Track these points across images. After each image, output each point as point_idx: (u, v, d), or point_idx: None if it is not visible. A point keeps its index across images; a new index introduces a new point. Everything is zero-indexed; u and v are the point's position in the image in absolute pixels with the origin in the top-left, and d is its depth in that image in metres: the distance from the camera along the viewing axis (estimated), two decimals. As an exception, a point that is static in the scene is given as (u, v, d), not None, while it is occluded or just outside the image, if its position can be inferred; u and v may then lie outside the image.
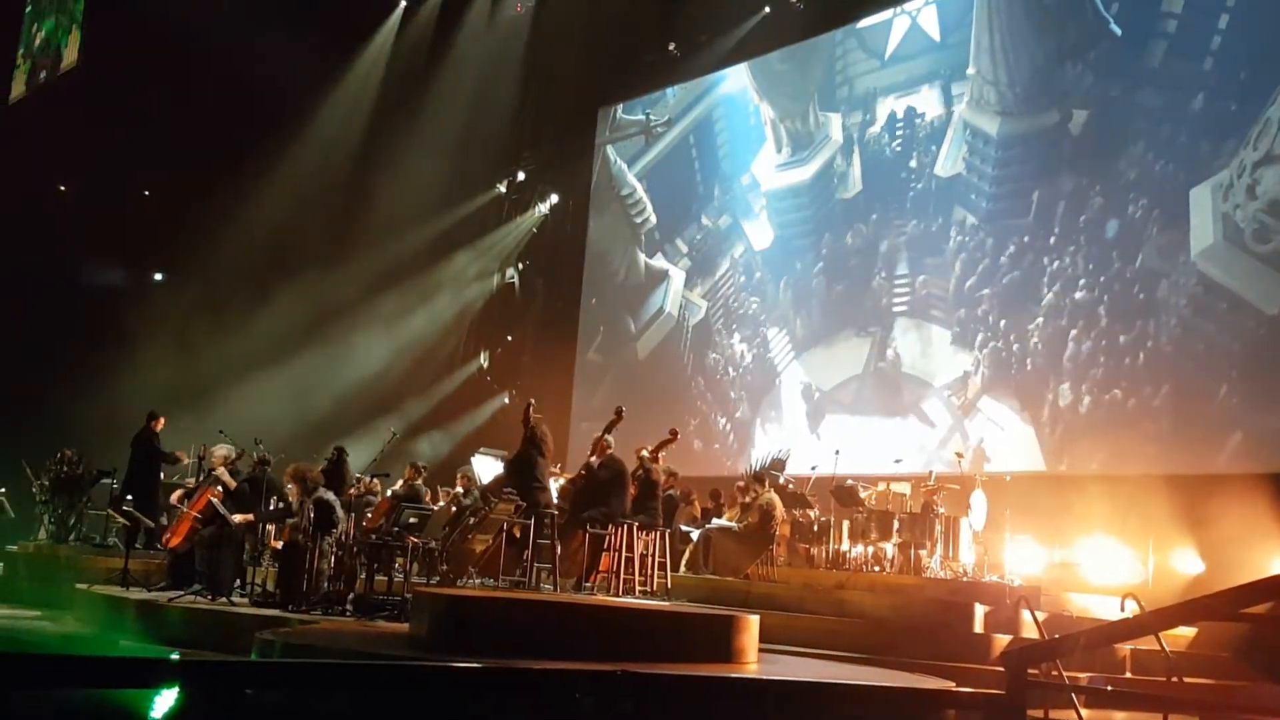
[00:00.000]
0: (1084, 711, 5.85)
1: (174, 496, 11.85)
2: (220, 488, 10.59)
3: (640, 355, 18.65)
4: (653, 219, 18.88)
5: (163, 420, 13.58)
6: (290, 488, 10.01)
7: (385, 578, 10.06)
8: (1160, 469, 11.57)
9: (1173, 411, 11.79)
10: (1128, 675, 8.57)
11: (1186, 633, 9.17)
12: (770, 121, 17.20)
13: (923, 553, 11.01)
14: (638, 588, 10.63)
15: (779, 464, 13.43)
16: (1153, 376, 11.99)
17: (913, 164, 15.04)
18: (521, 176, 21.51)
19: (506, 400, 20.55)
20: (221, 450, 11.23)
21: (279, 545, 10.18)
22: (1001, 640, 8.57)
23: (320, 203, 18.69)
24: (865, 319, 15.25)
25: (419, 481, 12.41)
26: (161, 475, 13.51)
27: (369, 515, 10.80)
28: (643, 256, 18.92)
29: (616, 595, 10.34)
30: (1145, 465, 11.73)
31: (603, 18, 17.80)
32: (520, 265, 21.66)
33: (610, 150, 19.73)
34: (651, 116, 19.09)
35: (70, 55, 18.81)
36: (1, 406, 16.39)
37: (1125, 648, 8.58)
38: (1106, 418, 12.22)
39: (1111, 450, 12.07)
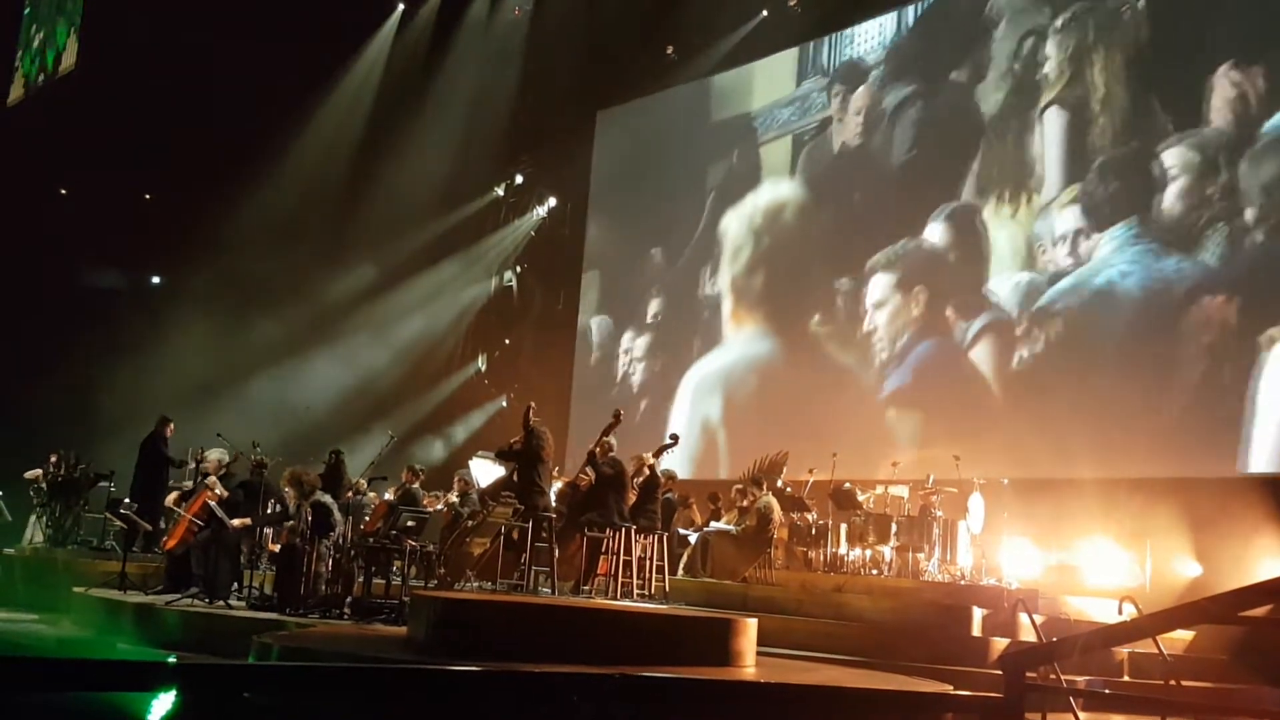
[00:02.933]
0: (1082, 715, 5.85)
1: (170, 499, 11.84)
2: (216, 490, 10.60)
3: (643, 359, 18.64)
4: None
5: (172, 426, 13.61)
6: (288, 491, 10.01)
7: (383, 581, 10.07)
8: (1158, 472, 11.58)
9: (1171, 414, 11.79)
10: (1126, 678, 8.57)
11: (1184, 636, 9.17)
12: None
13: (920, 556, 11.02)
14: (635, 591, 10.63)
15: (777, 467, 13.44)
16: (1152, 379, 11.99)
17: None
18: (519, 179, 21.54)
19: (504, 403, 20.55)
20: (215, 455, 11.24)
21: (276, 548, 10.18)
22: (999, 643, 8.57)
23: (318, 206, 18.70)
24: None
25: (416, 485, 12.40)
26: (166, 480, 13.54)
27: (366, 518, 10.80)
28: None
29: (614, 599, 10.34)
30: (1143, 468, 11.73)
31: (600, 21, 17.80)
32: (518, 268, 21.69)
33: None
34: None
35: (68, 58, 18.81)
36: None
37: (1123, 651, 8.58)
38: (1104, 420, 12.21)
39: (1108, 453, 12.05)
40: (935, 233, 14.58)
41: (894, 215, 15.08)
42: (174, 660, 7.77)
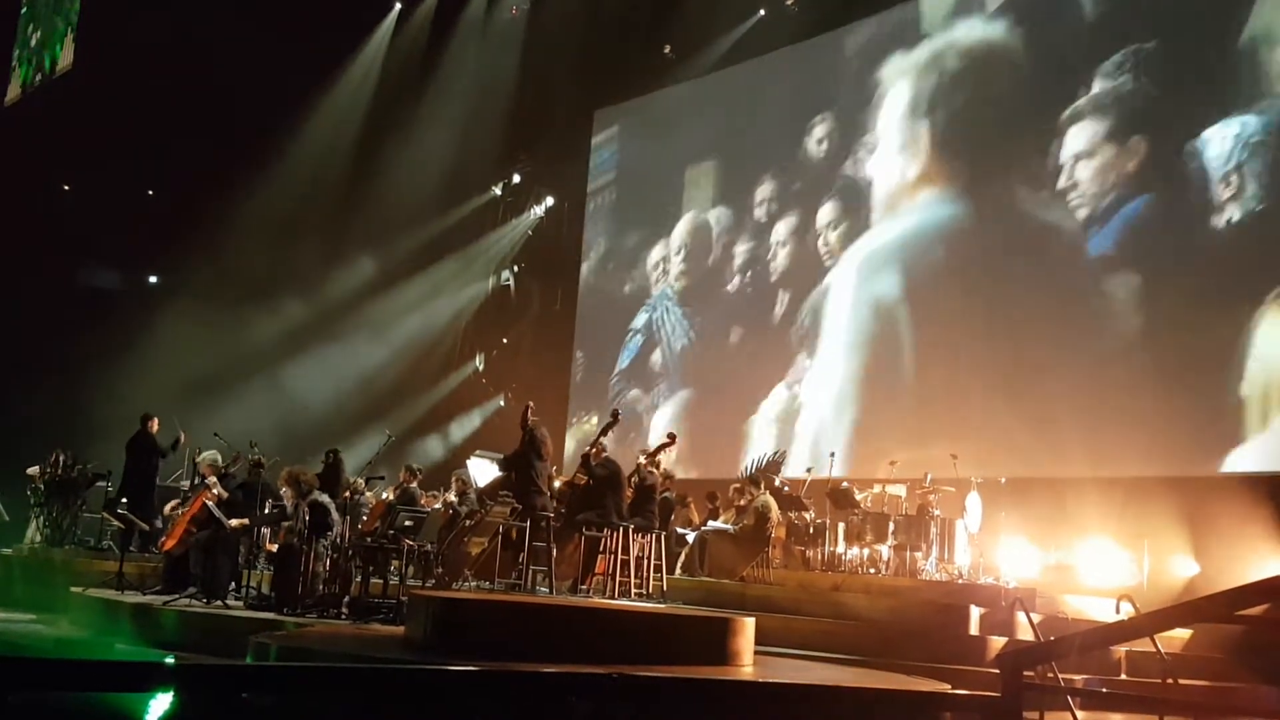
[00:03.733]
0: (1079, 714, 5.86)
1: (168, 507, 11.82)
2: (215, 491, 10.60)
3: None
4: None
5: (156, 421, 13.59)
6: (285, 491, 10.01)
7: (380, 580, 10.07)
8: (1155, 471, 11.58)
9: (1169, 413, 11.79)
10: (1123, 677, 8.58)
11: (1182, 634, 9.17)
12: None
13: (918, 555, 11.03)
14: (633, 590, 10.63)
15: (774, 466, 13.45)
16: (1151, 377, 11.99)
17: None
18: (517, 179, 21.55)
19: (502, 403, 20.57)
20: (209, 456, 11.23)
21: (274, 548, 10.18)
22: (997, 642, 8.57)
23: (315, 206, 18.71)
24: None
25: (414, 484, 12.40)
26: (158, 478, 13.53)
27: (364, 518, 10.80)
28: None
29: (612, 598, 10.34)
30: (1141, 467, 11.73)
31: (598, 20, 17.82)
32: (515, 268, 21.71)
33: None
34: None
35: (65, 58, 18.77)
36: (-3, 408, 16.42)
37: (1121, 650, 8.59)
38: (1102, 419, 12.21)
39: (1107, 452, 12.06)
40: (1157, 65, 12.20)
41: (1100, 50, 12.76)
42: (172, 660, 7.76)
